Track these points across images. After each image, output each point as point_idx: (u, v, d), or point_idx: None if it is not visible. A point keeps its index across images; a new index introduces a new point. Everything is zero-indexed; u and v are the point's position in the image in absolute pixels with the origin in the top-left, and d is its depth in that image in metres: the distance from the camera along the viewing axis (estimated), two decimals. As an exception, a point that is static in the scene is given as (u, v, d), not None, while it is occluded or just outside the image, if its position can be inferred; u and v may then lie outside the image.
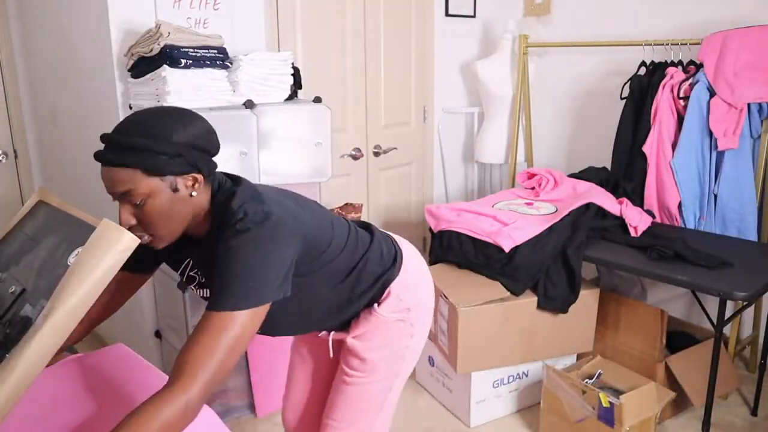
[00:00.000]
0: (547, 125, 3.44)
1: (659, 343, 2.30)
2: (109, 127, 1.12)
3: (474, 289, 2.29)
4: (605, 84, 3.13)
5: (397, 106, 3.22)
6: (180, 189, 1.06)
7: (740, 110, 2.39)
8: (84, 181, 2.73)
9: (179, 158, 1.03)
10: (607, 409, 2.01)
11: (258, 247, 1.04)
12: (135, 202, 1.04)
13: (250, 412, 2.43)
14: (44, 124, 3.04)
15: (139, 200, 1.04)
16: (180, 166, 1.04)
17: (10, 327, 1.00)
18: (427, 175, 3.51)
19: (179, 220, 1.09)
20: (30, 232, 1.19)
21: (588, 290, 2.36)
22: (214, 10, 2.33)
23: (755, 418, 2.39)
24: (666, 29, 2.84)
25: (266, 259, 1.05)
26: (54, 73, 2.78)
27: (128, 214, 1.06)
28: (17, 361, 0.94)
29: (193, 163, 1.05)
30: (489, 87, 3.30)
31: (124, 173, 1.02)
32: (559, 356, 2.44)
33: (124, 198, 1.05)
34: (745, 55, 2.39)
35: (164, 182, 1.04)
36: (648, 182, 2.62)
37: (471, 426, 2.38)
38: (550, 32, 3.34)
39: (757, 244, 2.44)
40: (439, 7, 3.32)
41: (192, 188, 1.08)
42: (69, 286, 0.97)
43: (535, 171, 2.91)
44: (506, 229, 2.35)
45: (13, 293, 1.05)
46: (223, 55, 2.13)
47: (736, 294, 1.92)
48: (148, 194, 1.03)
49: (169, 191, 1.05)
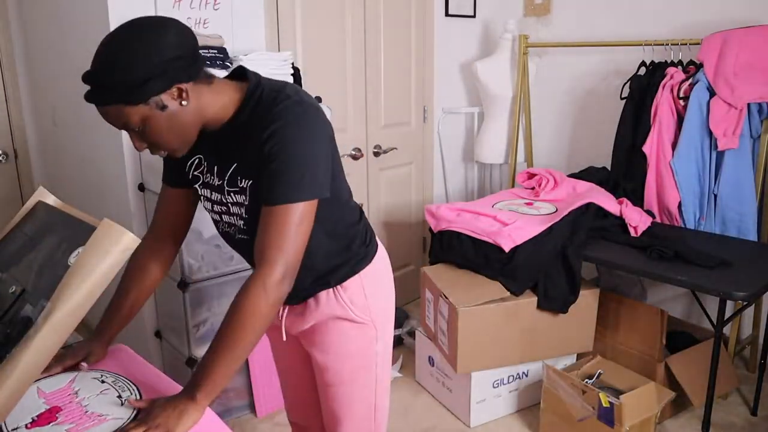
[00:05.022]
0: (547, 125, 3.44)
1: (659, 343, 2.30)
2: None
3: (474, 289, 2.29)
4: (605, 84, 3.13)
5: (397, 106, 3.21)
6: (168, 104, 1.08)
7: (740, 110, 2.39)
8: (84, 181, 2.73)
9: (152, 81, 1.04)
10: (607, 409, 2.01)
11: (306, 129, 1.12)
12: (135, 129, 1.09)
13: (250, 412, 2.43)
14: (44, 124, 3.04)
15: (137, 128, 1.09)
16: (156, 87, 1.05)
17: (10, 327, 1.00)
18: (427, 175, 3.51)
19: (185, 129, 1.13)
20: (30, 232, 1.19)
21: (588, 290, 2.36)
22: (214, 10, 2.33)
23: (755, 418, 2.40)
24: (666, 29, 2.84)
25: (313, 146, 1.13)
26: (54, 73, 2.78)
27: (137, 142, 1.12)
28: (17, 361, 0.94)
29: (170, 77, 1.06)
30: (489, 87, 3.30)
31: (112, 110, 1.06)
32: (559, 356, 2.44)
33: (126, 129, 1.10)
34: (745, 55, 2.39)
35: (149, 105, 1.06)
36: (648, 182, 2.62)
37: (471, 426, 2.38)
38: (550, 32, 3.34)
39: (757, 244, 2.44)
40: (439, 7, 3.32)
41: (180, 99, 1.09)
42: (69, 287, 0.97)
43: (535, 171, 2.92)
44: (506, 229, 2.35)
45: (13, 293, 1.05)
46: (223, 55, 2.13)
47: (736, 294, 1.92)
48: (142, 120, 1.07)
49: (158, 111, 1.07)
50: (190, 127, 1.13)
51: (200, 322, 2.27)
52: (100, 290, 0.99)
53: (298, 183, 1.10)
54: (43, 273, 1.05)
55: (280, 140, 1.10)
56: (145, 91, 1.04)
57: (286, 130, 1.10)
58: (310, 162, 1.12)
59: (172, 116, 1.09)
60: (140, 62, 1.03)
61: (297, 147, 1.10)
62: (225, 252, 2.25)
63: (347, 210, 1.34)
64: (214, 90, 1.15)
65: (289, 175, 1.10)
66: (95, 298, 0.99)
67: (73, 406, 1.10)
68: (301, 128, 1.11)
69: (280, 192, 1.09)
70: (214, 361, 1.07)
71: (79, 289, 0.97)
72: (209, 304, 2.27)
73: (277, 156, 1.10)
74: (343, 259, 1.32)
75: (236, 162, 1.19)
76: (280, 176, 1.09)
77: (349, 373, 1.37)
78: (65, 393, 1.14)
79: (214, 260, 2.23)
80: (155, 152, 1.15)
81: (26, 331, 0.97)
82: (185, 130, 1.12)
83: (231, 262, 2.27)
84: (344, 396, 1.39)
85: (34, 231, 1.18)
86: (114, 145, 2.31)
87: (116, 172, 2.36)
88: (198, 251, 2.20)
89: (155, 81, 1.04)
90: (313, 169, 1.12)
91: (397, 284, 1.44)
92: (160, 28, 1.07)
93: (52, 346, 0.97)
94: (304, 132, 1.12)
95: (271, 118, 1.11)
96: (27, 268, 1.09)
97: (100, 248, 0.99)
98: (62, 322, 0.96)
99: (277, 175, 1.10)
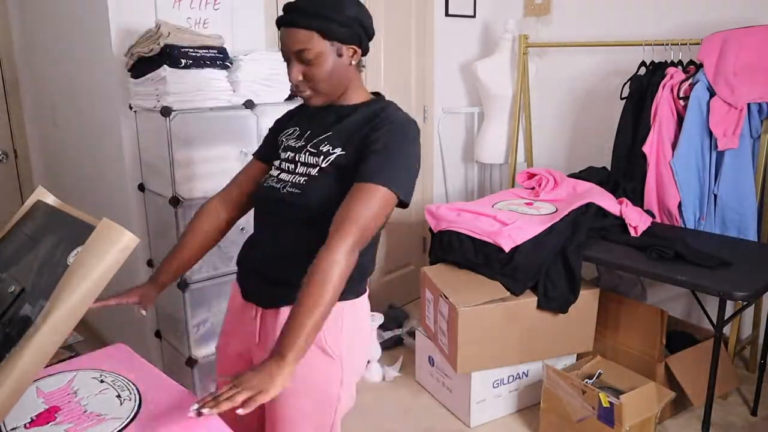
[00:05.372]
0: (547, 125, 3.44)
1: (659, 343, 2.30)
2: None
3: (474, 289, 2.29)
4: (605, 84, 3.13)
5: (397, 106, 3.21)
6: (344, 55, 1.25)
7: (740, 110, 2.39)
8: (84, 181, 2.73)
9: (348, 29, 1.22)
10: (607, 409, 2.01)
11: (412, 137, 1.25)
12: (308, 58, 1.22)
13: (250, 412, 2.43)
14: (44, 124, 3.04)
15: (311, 57, 1.21)
16: (348, 36, 1.23)
17: (9, 327, 1.00)
18: (427, 175, 3.51)
19: (339, 82, 1.27)
20: (29, 232, 1.19)
21: (588, 290, 2.36)
22: (214, 10, 2.33)
23: (755, 418, 2.39)
24: (666, 29, 2.84)
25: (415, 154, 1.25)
26: (54, 73, 2.78)
27: (297, 71, 1.24)
28: (17, 361, 0.94)
29: (358, 36, 1.25)
30: (489, 87, 3.30)
31: (303, 34, 1.20)
32: (559, 356, 2.44)
33: (297, 56, 1.23)
34: (745, 55, 2.39)
35: (333, 47, 1.23)
36: (648, 182, 2.62)
37: (471, 426, 2.38)
38: (550, 32, 3.34)
39: (757, 244, 2.44)
40: (439, 7, 3.32)
41: (352, 57, 1.26)
42: (69, 286, 0.97)
43: (535, 171, 2.92)
44: (506, 229, 2.35)
45: (12, 293, 1.05)
46: (223, 55, 2.13)
47: (736, 294, 1.92)
48: (319, 54, 1.21)
49: (335, 55, 1.23)
50: (342, 83, 1.28)
51: (200, 322, 2.27)
52: (99, 290, 0.99)
53: (398, 175, 1.19)
54: (42, 272, 1.05)
55: (391, 131, 1.22)
56: (340, 33, 1.21)
57: (398, 127, 1.23)
58: (411, 166, 1.24)
59: (339, 65, 1.25)
60: (348, 10, 1.22)
61: (406, 147, 1.23)
62: (225, 252, 2.25)
63: (374, 237, 1.27)
64: (360, 77, 1.34)
65: (395, 164, 1.19)
66: (94, 298, 0.98)
67: (72, 405, 1.10)
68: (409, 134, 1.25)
69: (384, 174, 1.17)
70: (297, 325, 1.08)
71: (79, 288, 0.96)
72: (209, 304, 2.27)
73: (386, 141, 1.20)
74: None
75: (330, 132, 1.29)
76: (387, 160, 1.19)
77: (308, 408, 1.29)
78: (64, 393, 1.14)
79: (214, 260, 2.23)
80: (303, 87, 1.26)
81: (25, 330, 0.96)
82: (339, 82, 1.27)
83: (231, 262, 2.27)
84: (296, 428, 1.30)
85: (34, 230, 1.18)
86: (114, 145, 2.31)
87: (116, 172, 2.36)
88: (198, 251, 2.20)
89: (351, 30, 1.23)
90: (411, 174, 1.24)
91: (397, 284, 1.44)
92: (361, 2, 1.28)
93: (52, 346, 0.97)
94: (410, 138, 1.25)
95: (386, 116, 1.25)
96: (26, 268, 1.09)
97: (99, 248, 0.98)
98: (61, 322, 0.96)
99: (384, 158, 1.19)
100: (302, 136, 1.34)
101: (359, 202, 1.15)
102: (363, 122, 1.26)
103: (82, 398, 1.12)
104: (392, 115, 1.26)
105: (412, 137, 1.25)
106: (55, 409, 1.09)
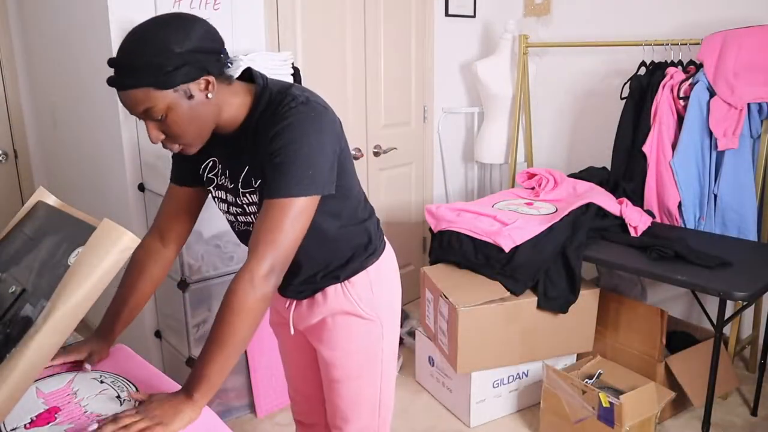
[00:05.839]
0: (547, 125, 3.44)
1: (659, 343, 2.30)
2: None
3: (474, 289, 2.29)
4: (605, 84, 3.13)
5: (397, 106, 3.21)
6: (195, 95, 1.09)
7: (740, 110, 2.39)
8: (84, 181, 2.73)
9: (185, 67, 1.05)
10: (607, 409, 2.01)
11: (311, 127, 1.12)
12: (157, 117, 1.08)
13: (250, 412, 2.43)
14: (44, 125, 3.04)
15: (160, 115, 1.07)
16: (188, 75, 1.06)
17: (10, 327, 1.00)
18: (427, 175, 3.51)
19: (204, 124, 1.13)
20: (30, 232, 1.19)
21: (588, 290, 2.36)
22: (214, 10, 2.33)
23: (755, 418, 2.39)
24: (666, 29, 2.84)
25: (319, 143, 1.13)
26: (54, 73, 2.78)
27: (155, 130, 1.11)
28: (17, 361, 0.94)
29: (201, 67, 1.07)
30: (489, 87, 3.30)
31: (138, 93, 1.05)
32: (559, 356, 2.44)
33: (147, 116, 1.09)
34: (745, 56, 2.39)
35: (178, 93, 1.06)
36: (648, 182, 2.62)
37: (471, 426, 2.38)
38: (550, 32, 3.34)
39: (757, 244, 2.44)
40: (439, 7, 3.32)
41: (206, 90, 1.10)
42: (69, 286, 0.97)
43: (535, 171, 2.92)
44: (506, 229, 2.35)
45: (13, 293, 1.05)
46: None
47: (736, 294, 1.92)
48: (166, 107, 1.07)
49: (185, 100, 1.08)
50: (209, 122, 1.14)
51: (200, 322, 2.27)
52: (99, 290, 0.99)
53: (301, 178, 1.10)
54: (43, 273, 1.05)
55: (285, 138, 1.11)
56: (177, 77, 1.05)
57: (292, 128, 1.11)
58: (316, 158, 1.12)
59: (196, 108, 1.10)
60: (176, 48, 1.04)
61: (302, 144, 1.11)
62: (225, 252, 2.25)
63: (359, 205, 1.35)
64: (232, 91, 1.17)
65: (293, 170, 1.10)
66: (95, 298, 0.99)
67: (72, 406, 1.10)
68: (307, 126, 1.12)
69: (283, 186, 1.10)
70: (208, 360, 1.07)
71: (79, 288, 0.96)
72: (209, 304, 2.27)
73: (281, 152, 1.10)
74: (354, 254, 1.34)
75: (248, 165, 1.20)
76: (283, 171, 1.10)
77: (355, 369, 1.39)
78: (64, 393, 1.14)
79: (214, 260, 2.23)
80: (170, 145, 1.14)
81: (26, 331, 0.97)
82: (204, 124, 1.13)
83: (231, 262, 2.27)
84: (349, 392, 1.40)
85: (34, 231, 1.18)
86: (114, 145, 2.31)
87: (116, 172, 2.36)
88: (198, 251, 2.20)
89: (189, 67, 1.05)
90: (319, 166, 1.13)
91: (398, 284, 1.47)
92: (190, 20, 1.09)
93: (52, 346, 0.97)
94: (309, 129, 1.12)
95: (278, 119, 1.13)
96: (27, 268, 1.09)
97: (99, 248, 0.98)
98: (62, 322, 0.96)
99: (280, 170, 1.10)
100: (225, 172, 1.26)
101: (267, 221, 1.09)
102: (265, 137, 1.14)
103: (82, 399, 1.12)
104: (287, 113, 1.13)
105: (314, 128, 1.13)
106: (55, 409, 1.09)
